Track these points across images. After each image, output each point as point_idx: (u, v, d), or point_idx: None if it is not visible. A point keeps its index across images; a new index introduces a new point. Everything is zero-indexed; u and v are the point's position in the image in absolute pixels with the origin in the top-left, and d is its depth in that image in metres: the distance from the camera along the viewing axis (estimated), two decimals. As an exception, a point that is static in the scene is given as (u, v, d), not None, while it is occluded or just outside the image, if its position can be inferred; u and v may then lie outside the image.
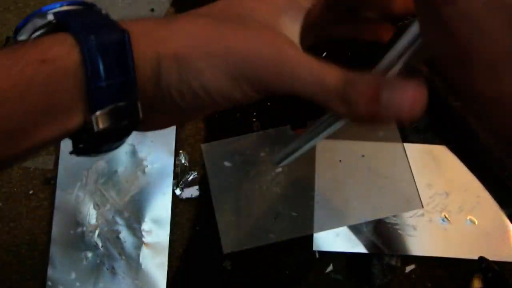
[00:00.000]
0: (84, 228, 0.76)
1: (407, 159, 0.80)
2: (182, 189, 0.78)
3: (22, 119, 0.29)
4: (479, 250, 0.77)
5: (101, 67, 0.30)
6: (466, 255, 0.77)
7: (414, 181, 0.79)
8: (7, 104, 0.28)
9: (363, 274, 0.76)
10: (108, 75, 0.30)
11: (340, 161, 0.80)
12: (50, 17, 0.31)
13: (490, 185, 0.82)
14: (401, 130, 0.81)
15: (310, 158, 0.80)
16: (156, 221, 0.77)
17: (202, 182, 0.79)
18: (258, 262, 0.77)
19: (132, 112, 0.33)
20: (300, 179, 0.79)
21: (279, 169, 0.79)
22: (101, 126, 0.31)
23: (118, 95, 0.32)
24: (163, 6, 0.85)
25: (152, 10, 0.84)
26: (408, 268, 0.77)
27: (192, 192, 0.78)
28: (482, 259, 0.72)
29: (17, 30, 0.32)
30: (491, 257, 0.76)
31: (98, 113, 0.31)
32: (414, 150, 0.81)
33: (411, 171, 0.80)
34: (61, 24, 0.31)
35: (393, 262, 0.76)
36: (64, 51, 0.29)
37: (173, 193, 0.78)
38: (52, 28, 0.32)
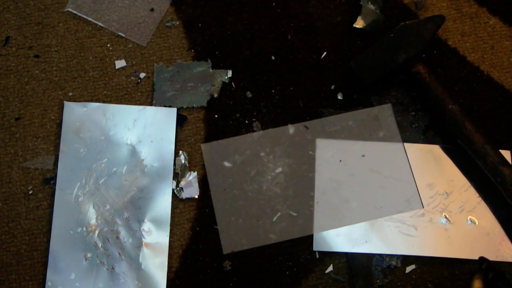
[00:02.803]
0: (84, 228, 0.76)
1: (408, 159, 0.80)
2: (182, 189, 0.78)
3: None
4: (480, 250, 0.77)
5: None
6: (467, 255, 0.77)
7: (415, 181, 0.79)
8: None
9: (364, 274, 0.76)
10: None
11: (340, 161, 0.80)
12: None
13: (486, 191, 0.81)
14: (401, 130, 0.81)
15: (310, 158, 0.80)
16: (156, 221, 0.76)
17: (202, 182, 0.79)
18: (258, 262, 0.76)
19: None
20: (300, 179, 0.79)
21: (279, 169, 0.79)
22: None
23: None
24: (163, 6, 0.85)
25: (152, 9, 0.84)
26: (409, 268, 0.77)
27: (192, 192, 0.78)
28: (482, 259, 0.72)
29: None
30: (491, 257, 0.76)
31: None
32: (414, 150, 0.81)
33: (412, 171, 0.80)
34: None
35: (393, 263, 0.76)
36: None
37: (173, 193, 0.78)
38: None
